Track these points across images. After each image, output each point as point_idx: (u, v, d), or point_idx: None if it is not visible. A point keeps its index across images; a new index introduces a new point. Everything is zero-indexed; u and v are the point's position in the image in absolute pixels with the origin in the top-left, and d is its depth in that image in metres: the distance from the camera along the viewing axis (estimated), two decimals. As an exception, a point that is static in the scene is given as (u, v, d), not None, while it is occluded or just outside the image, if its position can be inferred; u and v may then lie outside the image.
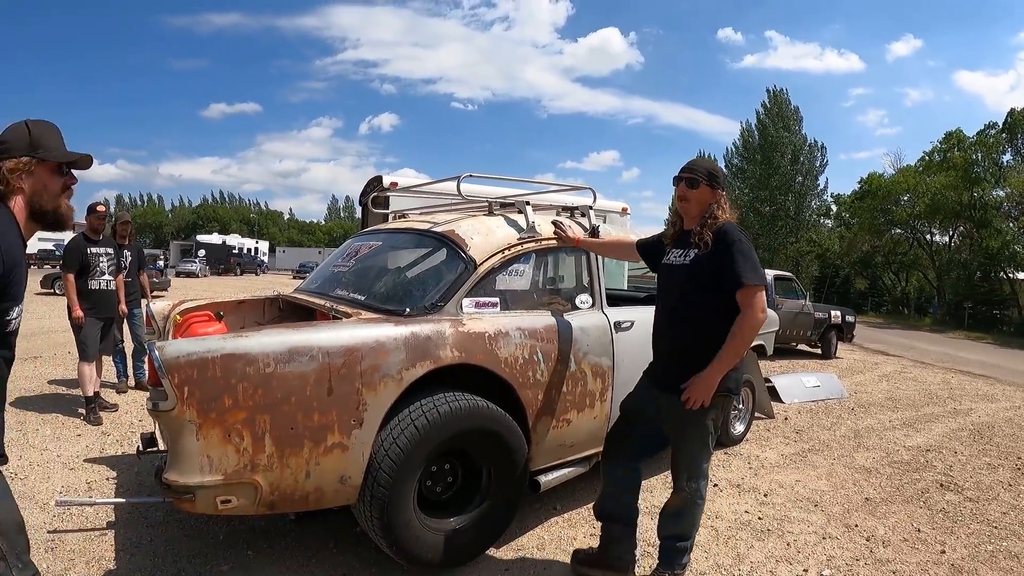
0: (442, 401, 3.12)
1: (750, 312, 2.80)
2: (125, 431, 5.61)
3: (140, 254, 7.26)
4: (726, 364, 2.83)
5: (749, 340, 2.86)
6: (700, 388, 2.84)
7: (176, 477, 2.68)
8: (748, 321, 2.80)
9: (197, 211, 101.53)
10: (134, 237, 7.30)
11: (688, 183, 3.02)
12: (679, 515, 3.11)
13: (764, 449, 5.89)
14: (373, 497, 2.96)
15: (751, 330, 2.82)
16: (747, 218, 41.06)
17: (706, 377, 2.84)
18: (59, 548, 3.46)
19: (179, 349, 2.70)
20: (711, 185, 3.00)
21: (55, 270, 24.11)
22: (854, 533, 4.08)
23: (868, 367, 12.54)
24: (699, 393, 2.84)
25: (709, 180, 3.00)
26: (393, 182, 7.09)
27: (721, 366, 2.83)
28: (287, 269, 63.12)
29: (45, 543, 3.49)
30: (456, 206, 4.60)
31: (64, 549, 3.45)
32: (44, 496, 4.10)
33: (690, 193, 3.02)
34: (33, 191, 1.92)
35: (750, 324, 2.81)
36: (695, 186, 3.01)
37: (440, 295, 3.41)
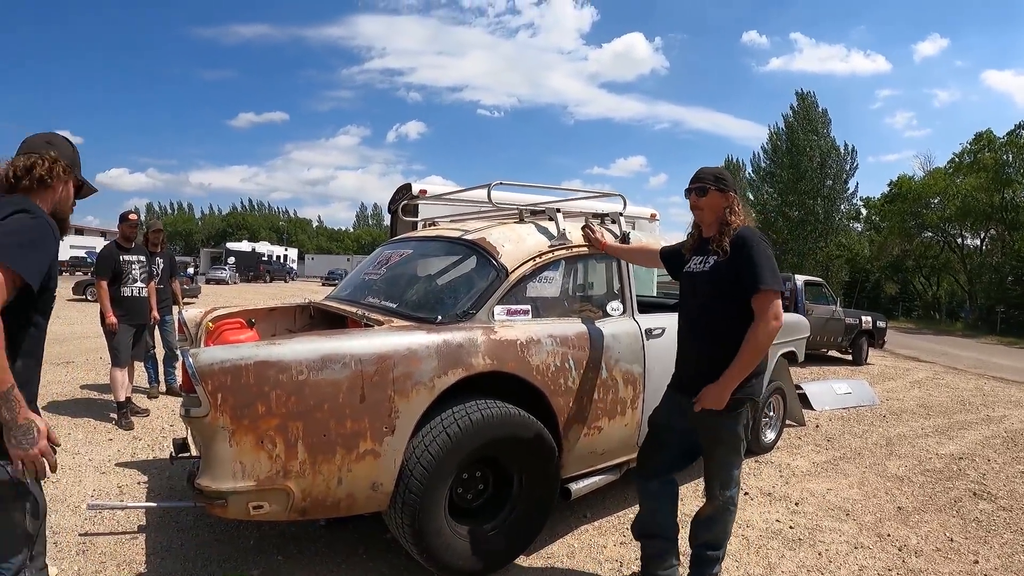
0: (474, 408, 3.11)
1: (764, 319, 2.78)
2: (156, 436, 5.67)
3: (172, 261, 7.36)
4: (740, 373, 2.81)
5: (764, 348, 2.83)
6: (712, 395, 2.83)
7: (209, 483, 2.70)
8: (762, 328, 2.78)
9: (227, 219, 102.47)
10: (166, 245, 7.38)
11: (697, 192, 3.04)
12: (711, 523, 3.09)
13: (795, 457, 5.82)
14: (404, 504, 2.96)
15: (766, 337, 2.80)
16: (775, 223, 40.66)
17: (719, 385, 2.82)
18: (90, 551, 3.49)
19: (213, 356, 2.72)
20: (720, 189, 3.00)
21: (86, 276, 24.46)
22: (886, 543, 4.02)
23: (899, 373, 12.36)
24: (710, 400, 2.84)
25: (717, 185, 3.01)
26: (422, 190, 7.10)
27: (735, 374, 2.81)
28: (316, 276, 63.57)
29: (77, 546, 3.53)
30: (486, 214, 4.60)
31: (95, 552, 3.49)
32: (76, 499, 4.14)
33: (701, 201, 3.03)
34: (60, 197, 2.20)
35: (764, 331, 2.78)
36: (704, 194, 3.01)
37: (472, 303, 3.41)
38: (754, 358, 2.82)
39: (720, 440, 2.97)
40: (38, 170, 2.11)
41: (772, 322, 2.77)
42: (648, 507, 3.24)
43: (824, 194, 42.04)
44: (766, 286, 2.77)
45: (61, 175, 2.17)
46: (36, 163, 2.11)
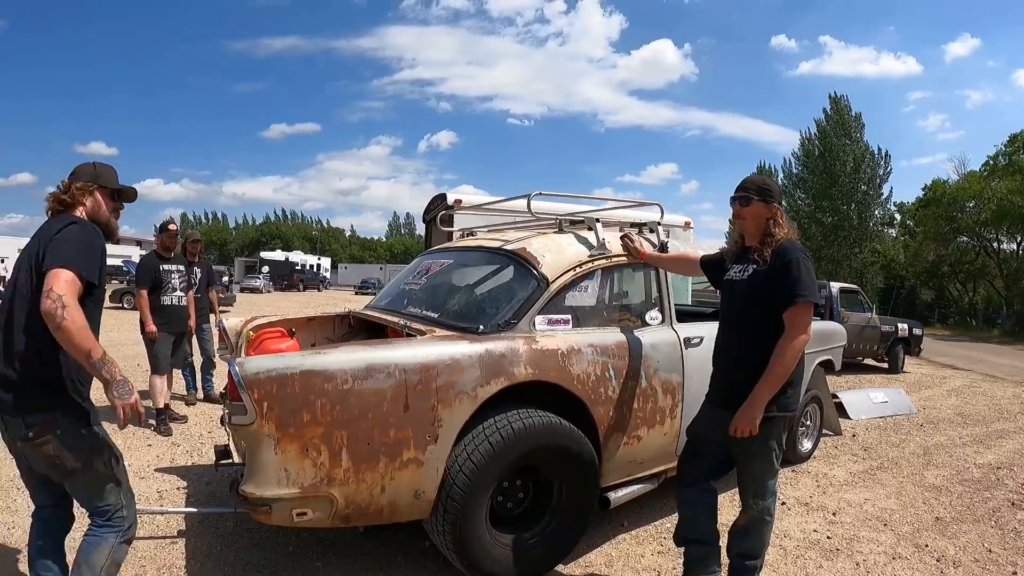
0: (516, 418, 3.13)
1: (793, 333, 2.78)
2: (195, 442, 5.75)
3: (209, 271, 7.46)
4: (769, 390, 2.80)
5: (792, 364, 2.82)
6: (745, 418, 2.81)
7: (253, 489, 2.74)
8: (791, 343, 2.78)
9: (260, 228, 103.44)
10: (203, 254, 7.49)
11: (741, 201, 3.03)
12: (747, 533, 3.08)
13: (832, 467, 5.76)
14: (446, 512, 2.98)
15: (794, 352, 2.79)
16: (808, 229, 40.19)
17: (748, 408, 2.81)
18: (130, 555, 3.50)
19: (259, 365, 2.76)
20: (764, 200, 2.99)
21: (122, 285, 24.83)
22: (924, 553, 3.96)
23: (936, 381, 12.18)
24: (744, 424, 2.82)
25: (761, 195, 3.00)
26: (457, 199, 7.13)
27: (764, 393, 2.80)
28: (349, 285, 63.98)
29: None
30: (524, 223, 4.62)
31: (135, 556, 3.52)
32: None
33: (744, 211, 3.03)
34: (92, 207, 2.64)
35: (793, 346, 2.78)
36: (748, 203, 3.01)
37: (513, 312, 3.43)
38: (782, 374, 2.81)
39: (752, 454, 2.97)
40: (58, 195, 2.60)
41: (801, 336, 2.78)
42: (687, 514, 3.25)
43: (858, 199, 41.55)
44: (804, 298, 2.78)
45: (77, 193, 2.60)
46: (57, 191, 2.62)
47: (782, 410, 2.89)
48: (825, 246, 40.83)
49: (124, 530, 2.59)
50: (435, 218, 6.44)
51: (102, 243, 2.55)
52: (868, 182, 41.82)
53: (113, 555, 2.55)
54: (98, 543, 2.53)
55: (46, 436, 2.39)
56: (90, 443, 2.50)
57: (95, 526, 2.57)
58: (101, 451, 2.53)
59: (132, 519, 2.65)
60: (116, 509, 2.57)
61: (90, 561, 2.50)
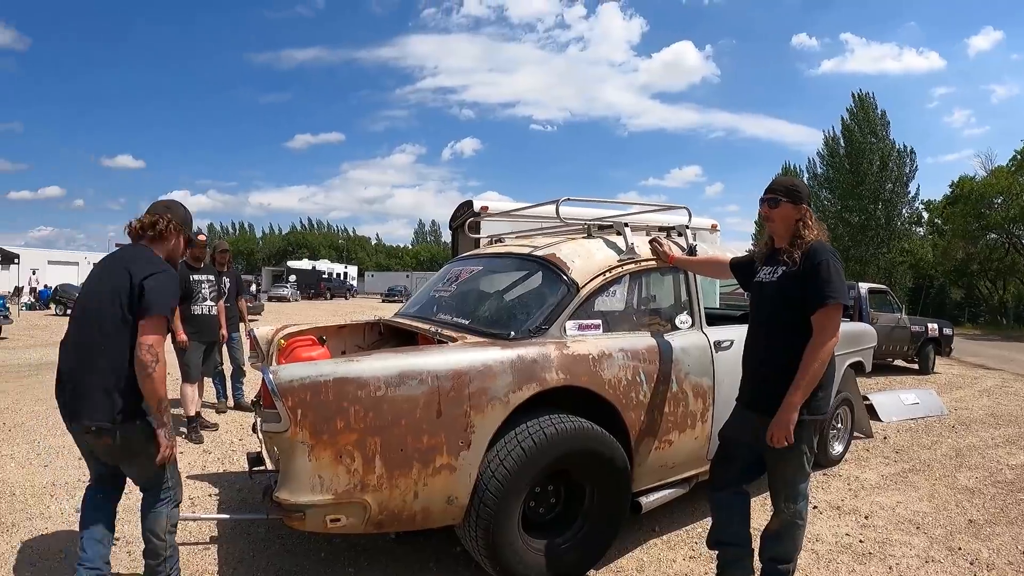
0: (548, 423, 3.13)
1: (822, 335, 2.77)
2: (226, 449, 5.80)
3: (238, 280, 7.54)
4: (802, 395, 2.78)
5: (822, 368, 2.80)
6: (778, 428, 2.80)
7: (287, 496, 2.77)
8: (821, 345, 2.77)
9: (287, 238, 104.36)
10: (232, 264, 7.56)
11: (769, 203, 3.03)
12: (780, 537, 3.06)
13: (864, 469, 5.70)
14: (479, 517, 2.99)
15: (824, 354, 2.78)
16: (835, 229, 39.72)
17: (782, 416, 2.79)
18: (163, 561, 3.59)
19: (292, 373, 2.79)
20: (793, 201, 2.99)
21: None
22: (957, 556, 3.91)
23: (967, 382, 12.00)
24: (779, 433, 2.80)
25: (789, 197, 3.00)
26: (484, 206, 7.14)
27: (795, 399, 2.78)
28: (376, 293, 64.21)
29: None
30: (551, 229, 4.62)
31: (168, 562, 3.57)
32: None
33: (772, 212, 3.03)
34: (172, 247, 3.05)
35: (823, 348, 2.77)
36: (776, 205, 3.01)
37: (544, 318, 3.44)
38: (813, 378, 2.79)
39: (784, 458, 2.94)
40: (159, 226, 2.96)
41: (830, 340, 2.77)
42: (720, 518, 3.23)
43: (885, 198, 41.11)
44: (833, 300, 2.76)
45: (173, 231, 3.00)
46: (158, 220, 2.96)
47: (813, 413, 2.87)
48: (852, 246, 40.38)
49: (172, 498, 3.06)
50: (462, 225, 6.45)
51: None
52: (895, 180, 41.33)
53: (170, 518, 3.04)
54: (157, 516, 3.00)
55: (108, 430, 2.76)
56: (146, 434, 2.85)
57: (150, 501, 3.03)
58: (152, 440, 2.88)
59: (179, 489, 3.14)
60: (165, 483, 3.02)
61: (155, 530, 3.00)
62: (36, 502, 4.39)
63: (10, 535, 3.87)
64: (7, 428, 6.35)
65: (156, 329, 2.73)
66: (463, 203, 8.36)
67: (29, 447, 5.69)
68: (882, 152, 41.19)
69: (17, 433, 6.17)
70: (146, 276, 2.75)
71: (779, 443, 2.80)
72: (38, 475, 4.93)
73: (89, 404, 2.75)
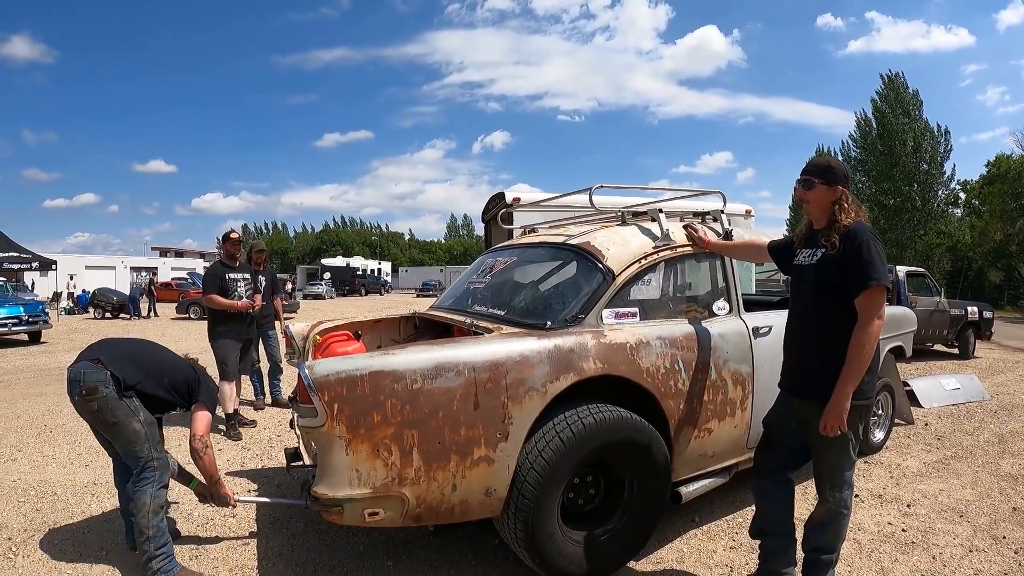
0: (586, 413, 3.10)
1: (868, 319, 2.71)
2: (264, 446, 5.86)
3: (274, 279, 7.61)
4: (852, 383, 2.73)
5: (870, 352, 2.73)
6: (832, 416, 2.74)
7: (326, 490, 2.77)
8: (867, 329, 2.70)
9: (320, 236, 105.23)
10: (267, 263, 7.61)
11: (803, 185, 2.98)
12: (824, 526, 3.00)
13: (905, 457, 5.61)
14: (518, 509, 2.97)
15: (872, 338, 2.71)
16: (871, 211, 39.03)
17: (835, 404, 2.74)
18: (203, 556, 3.63)
19: (328, 368, 2.79)
20: (828, 183, 2.91)
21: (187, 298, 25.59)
22: (1002, 545, 3.83)
23: (1009, 366, 11.75)
24: (833, 422, 2.74)
25: (824, 178, 2.92)
26: (516, 197, 7.13)
27: (847, 387, 2.72)
28: (410, 288, 64.65)
29: (190, 551, 3.67)
30: (585, 218, 4.58)
31: (208, 557, 3.62)
32: (188, 507, 4.33)
33: (808, 195, 2.97)
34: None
35: (869, 332, 2.70)
36: (811, 187, 2.95)
37: (580, 307, 3.41)
38: (862, 366, 2.73)
39: (829, 445, 2.88)
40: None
41: (876, 322, 2.70)
42: (763, 506, 3.20)
43: (920, 179, 40.46)
44: (876, 281, 2.69)
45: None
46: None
47: (858, 398, 2.80)
48: (889, 229, 39.77)
49: (157, 479, 3.31)
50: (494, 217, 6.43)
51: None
52: (929, 161, 40.67)
53: (154, 498, 3.26)
54: (140, 494, 3.26)
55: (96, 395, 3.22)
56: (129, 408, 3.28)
57: (135, 478, 3.31)
58: (137, 414, 3.30)
59: (162, 472, 3.37)
60: (148, 460, 3.31)
61: (137, 504, 3.25)
62: (77, 501, 4.46)
63: (52, 534, 3.93)
64: (48, 430, 6.47)
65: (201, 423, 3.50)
66: (495, 195, 8.37)
67: (70, 448, 5.79)
68: (916, 132, 40.50)
69: (58, 434, 6.28)
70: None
71: (832, 432, 2.75)
72: (79, 474, 5.01)
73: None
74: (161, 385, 3.44)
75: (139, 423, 3.30)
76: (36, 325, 15.42)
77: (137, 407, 3.32)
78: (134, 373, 3.35)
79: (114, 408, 3.25)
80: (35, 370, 10.91)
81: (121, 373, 3.29)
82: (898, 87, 42.14)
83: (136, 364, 3.41)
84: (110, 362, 3.31)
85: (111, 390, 3.25)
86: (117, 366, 3.31)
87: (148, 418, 3.37)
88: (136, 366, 3.40)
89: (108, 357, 3.34)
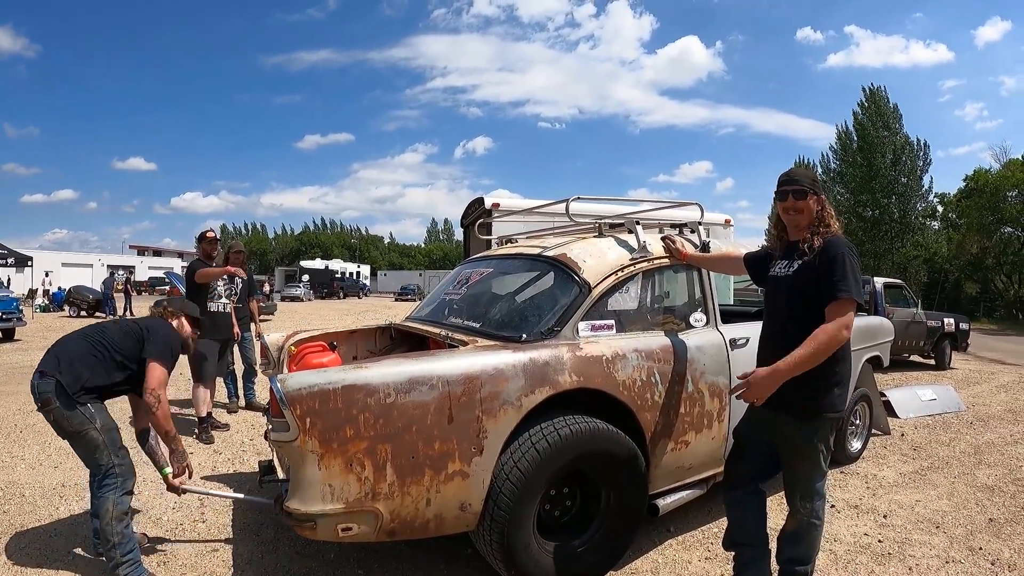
0: (562, 424, 3.08)
1: (834, 324, 2.67)
2: (236, 450, 5.79)
3: (251, 280, 7.50)
4: (792, 367, 2.67)
5: (824, 351, 2.68)
6: (756, 384, 2.72)
7: (298, 506, 2.73)
8: (830, 331, 2.67)
9: (299, 238, 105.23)
10: (246, 264, 7.51)
11: (796, 195, 2.92)
12: (797, 538, 2.97)
13: (881, 467, 5.64)
14: (493, 521, 2.95)
15: (831, 341, 2.67)
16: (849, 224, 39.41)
17: (767, 374, 2.71)
18: (171, 562, 3.58)
19: (300, 381, 2.75)
20: (816, 193, 2.91)
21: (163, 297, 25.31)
22: (978, 556, 3.85)
23: (984, 377, 11.89)
24: (754, 390, 2.73)
25: (815, 188, 2.91)
26: (495, 203, 7.12)
27: (786, 368, 2.67)
28: (389, 292, 64.39)
29: (158, 557, 3.63)
30: (563, 229, 4.57)
31: (176, 563, 3.57)
32: (157, 511, 4.27)
33: (800, 204, 2.91)
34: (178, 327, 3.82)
35: (830, 335, 2.66)
36: (804, 197, 2.90)
37: (556, 320, 3.39)
38: (809, 358, 2.68)
39: (800, 454, 2.88)
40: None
41: (842, 331, 2.68)
42: (736, 517, 3.17)
43: (899, 192, 40.87)
44: (845, 294, 2.68)
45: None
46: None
47: (830, 411, 2.80)
48: (867, 240, 40.12)
49: (120, 485, 3.31)
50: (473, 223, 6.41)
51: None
52: (908, 174, 41.09)
53: (117, 505, 3.25)
54: (103, 500, 3.26)
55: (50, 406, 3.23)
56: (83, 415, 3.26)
57: (97, 485, 3.34)
58: (93, 422, 3.27)
59: (125, 479, 3.36)
60: (109, 468, 3.30)
61: (100, 512, 3.27)
62: (45, 503, 4.39)
63: (19, 536, 3.87)
64: (18, 429, 6.37)
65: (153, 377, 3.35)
66: (474, 200, 8.36)
67: (40, 448, 5.70)
68: (895, 146, 40.92)
69: (28, 434, 6.18)
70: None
71: (746, 399, 2.77)
72: (48, 476, 4.93)
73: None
74: (115, 366, 3.39)
75: (95, 431, 3.26)
76: (10, 322, 15.22)
77: (93, 414, 3.27)
78: (81, 372, 3.29)
79: (69, 417, 3.22)
80: (7, 368, 10.75)
81: (66, 378, 3.24)
82: (878, 100, 42.57)
83: (82, 361, 3.33)
84: (56, 369, 3.27)
85: (62, 399, 3.22)
86: (64, 370, 3.26)
87: (106, 424, 3.32)
88: (82, 363, 3.32)
89: (54, 364, 3.29)
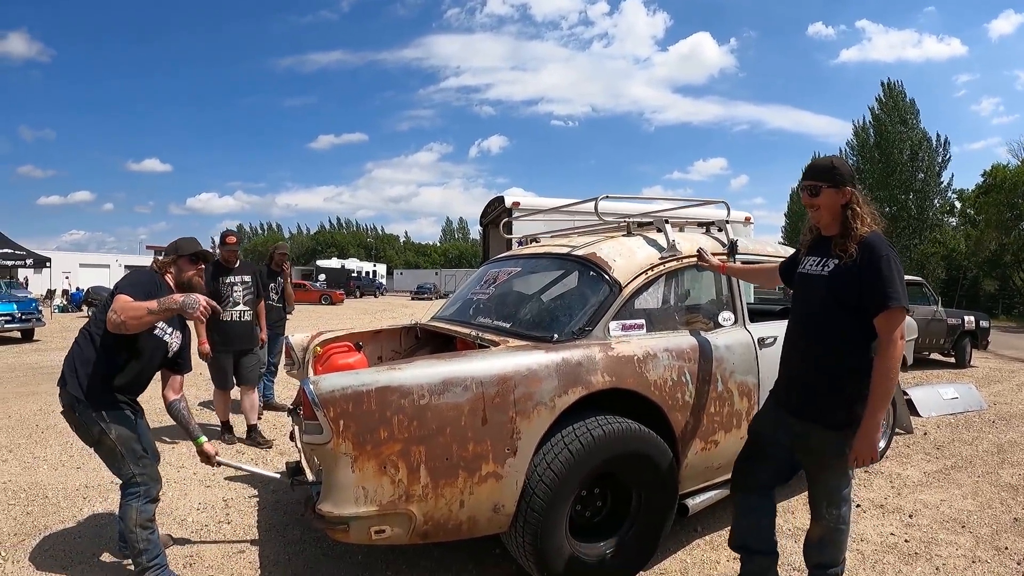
0: (595, 424, 3.07)
1: (891, 341, 2.55)
2: (259, 450, 5.79)
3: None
4: (881, 411, 2.59)
5: (896, 378, 2.59)
6: (865, 448, 2.61)
7: (331, 508, 2.72)
8: (890, 353, 2.55)
9: (315, 237, 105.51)
10: (289, 266, 7.42)
11: (810, 192, 2.80)
12: (824, 544, 2.91)
13: (905, 467, 5.60)
14: (526, 523, 2.94)
15: (896, 362, 2.56)
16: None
17: (867, 435, 2.60)
18: (197, 564, 3.59)
19: (334, 383, 2.74)
20: (835, 185, 2.72)
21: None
22: (1004, 556, 3.82)
23: (1005, 376, 11.75)
24: (865, 455, 2.62)
25: (830, 181, 2.73)
26: (516, 202, 7.09)
27: (877, 416, 2.59)
28: (405, 291, 64.36)
29: (184, 558, 3.64)
30: (587, 227, 4.53)
31: (202, 565, 3.58)
32: (182, 512, 4.29)
33: (816, 201, 2.77)
34: (176, 273, 3.47)
35: (892, 358, 2.55)
36: (818, 193, 2.75)
37: (587, 319, 3.38)
38: (890, 389, 2.58)
39: (827, 465, 2.80)
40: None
41: (899, 344, 2.56)
42: (748, 522, 3.10)
43: (916, 188, 40.58)
44: (896, 303, 2.54)
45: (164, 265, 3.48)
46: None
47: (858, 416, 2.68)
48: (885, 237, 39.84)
49: (143, 494, 3.23)
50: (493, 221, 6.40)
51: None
52: (926, 170, 40.80)
53: (141, 513, 3.20)
54: (127, 508, 3.21)
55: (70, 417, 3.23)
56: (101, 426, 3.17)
57: (122, 492, 3.27)
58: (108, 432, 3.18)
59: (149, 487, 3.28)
60: (130, 477, 3.23)
61: (125, 519, 3.22)
62: (69, 505, 4.41)
63: (43, 538, 3.89)
64: (40, 430, 6.39)
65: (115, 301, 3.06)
66: (494, 199, 8.33)
67: (62, 449, 5.72)
68: (913, 141, 40.61)
69: (50, 435, 6.20)
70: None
71: (864, 463, 2.65)
72: (71, 477, 4.95)
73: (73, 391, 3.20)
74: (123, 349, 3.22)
75: (111, 440, 3.18)
76: (29, 323, 15.30)
77: (109, 424, 3.18)
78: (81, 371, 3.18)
79: (89, 425, 3.17)
80: (26, 368, 10.85)
81: (72, 387, 3.16)
82: (896, 96, 42.30)
83: (79, 357, 3.21)
84: (63, 380, 3.22)
85: (79, 409, 3.16)
86: (68, 380, 3.18)
87: (122, 435, 3.20)
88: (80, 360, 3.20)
89: (64, 373, 3.22)
